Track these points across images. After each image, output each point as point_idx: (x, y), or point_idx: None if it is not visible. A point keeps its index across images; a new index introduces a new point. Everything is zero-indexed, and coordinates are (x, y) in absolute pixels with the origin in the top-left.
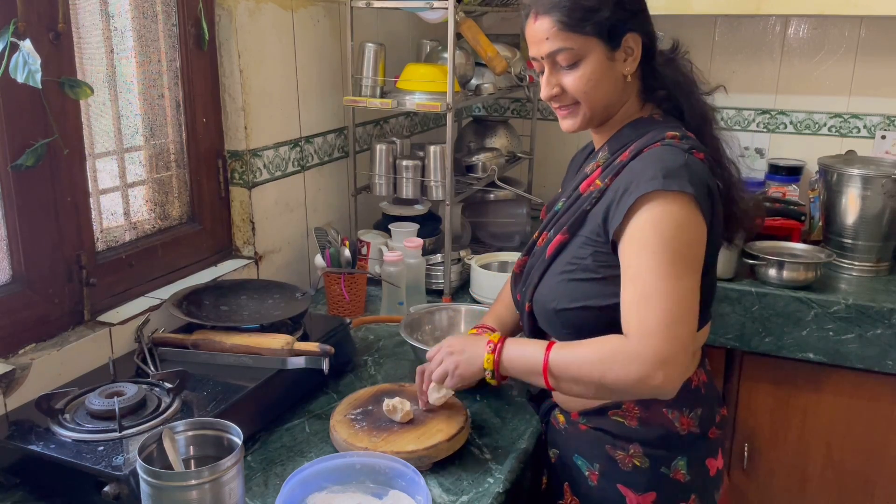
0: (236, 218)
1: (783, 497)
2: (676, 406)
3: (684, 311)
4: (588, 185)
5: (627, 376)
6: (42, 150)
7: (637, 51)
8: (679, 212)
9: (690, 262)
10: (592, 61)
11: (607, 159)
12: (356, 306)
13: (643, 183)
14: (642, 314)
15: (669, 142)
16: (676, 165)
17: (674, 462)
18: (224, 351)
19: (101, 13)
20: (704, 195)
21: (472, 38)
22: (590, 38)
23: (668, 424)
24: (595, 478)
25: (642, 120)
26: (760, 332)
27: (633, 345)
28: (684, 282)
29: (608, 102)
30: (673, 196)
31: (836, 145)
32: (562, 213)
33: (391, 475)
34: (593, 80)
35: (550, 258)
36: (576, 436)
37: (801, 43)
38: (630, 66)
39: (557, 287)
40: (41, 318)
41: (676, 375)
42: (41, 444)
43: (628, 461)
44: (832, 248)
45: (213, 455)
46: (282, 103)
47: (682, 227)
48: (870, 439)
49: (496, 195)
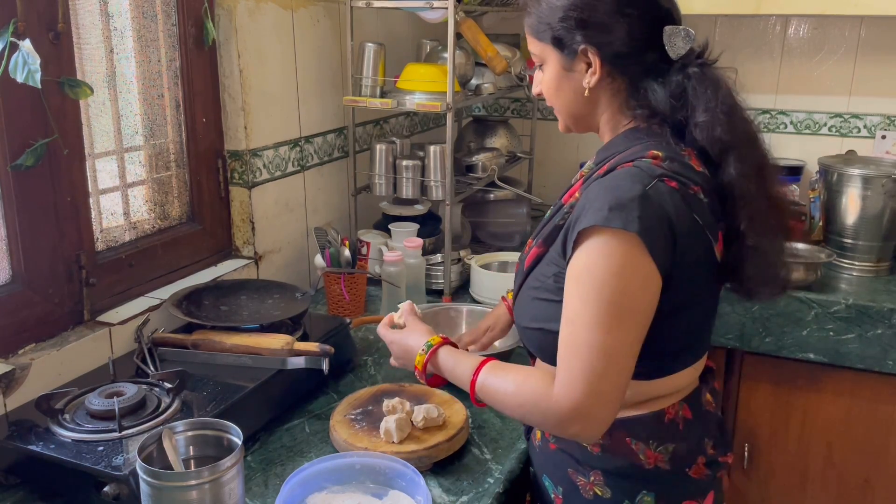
0: (236, 218)
1: (783, 497)
2: (641, 438)
3: (610, 365)
4: (570, 196)
5: (545, 423)
6: (42, 150)
7: (595, 65)
8: (618, 253)
9: (625, 314)
10: (550, 68)
11: (591, 170)
12: (356, 306)
13: (589, 213)
14: (570, 362)
15: (645, 162)
16: (628, 197)
17: (639, 496)
18: (224, 351)
19: (101, 13)
20: (657, 232)
21: (472, 38)
22: (546, 45)
23: (632, 456)
24: (559, 501)
25: (638, 130)
26: (760, 332)
27: (554, 394)
28: (616, 335)
29: (573, 111)
30: (614, 233)
31: (836, 145)
32: (545, 222)
33: (391, 475)
34: (552, 87)
35: (528, 270)
36: (546, 455)
37: (801, 43)
38: (590, 80)
39: (524, 303)
40: (41, 318)
41: (594, 428)
42: (41, 444)
43: (589, 488)
44: (832, 248)
45: (213, 455)
46: (282, 103)
47: (620, 274)
48: (870, 439)
49: (496, 195)
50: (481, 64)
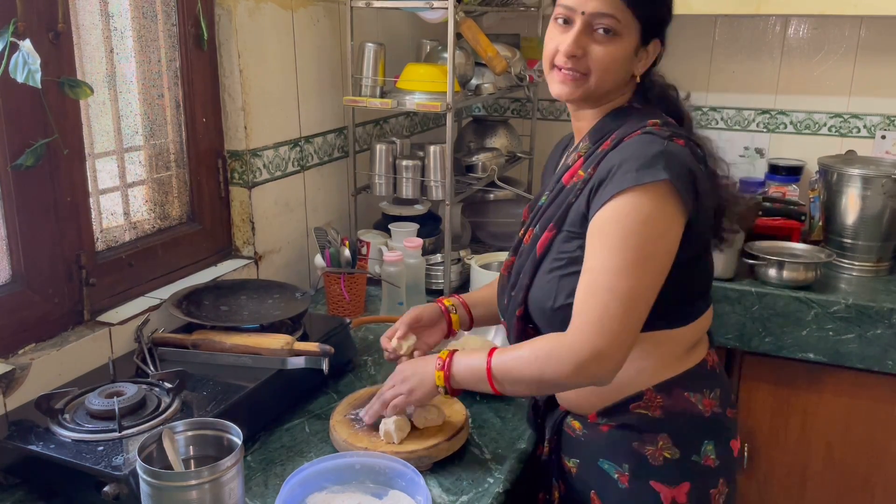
0: (236, 218)
1: (783, 497)
2: (696, 388)
3: (626, 308)
4: (571, 176)
5: (564, 369)
6: (42, 150)
7: (652, 56)
8: (649, 204)
9: (648, 259)
10: (625, 44)
11: (589, 149)
12: (356, 306)
13: (618, 177)
14: (587, 307)
15: (650, 129)
16: (652, 154)
17: (703, 448)
18: (224, 351)
19: (101, 13)
20: (685, 179)
21: (472, 38)
22: (635, 24)
23: (692, 408)
24: (625, 479)
25: (622, 109)
26: (760, 332)
27: (569, 338)
28: (636, 280)
29: (611, 89)
30: (645, 188)
31: (836, 145)
32: (545, 207)
33: (391, 475)
34: (617, 62)
35: (541, 256)
36: (597, 439)
37: (801, 43)
38: (641, 68)
39: (550, 285)
40: (41, 318)
41: (610, 369)
42: (41, 444)
43: (658, 455)
44: (832, 248)
45: (213, 455)
46: (282, 103)
47: (649, 222)
48: (870, 439)
49: (496, 195)
50: (481, 64)
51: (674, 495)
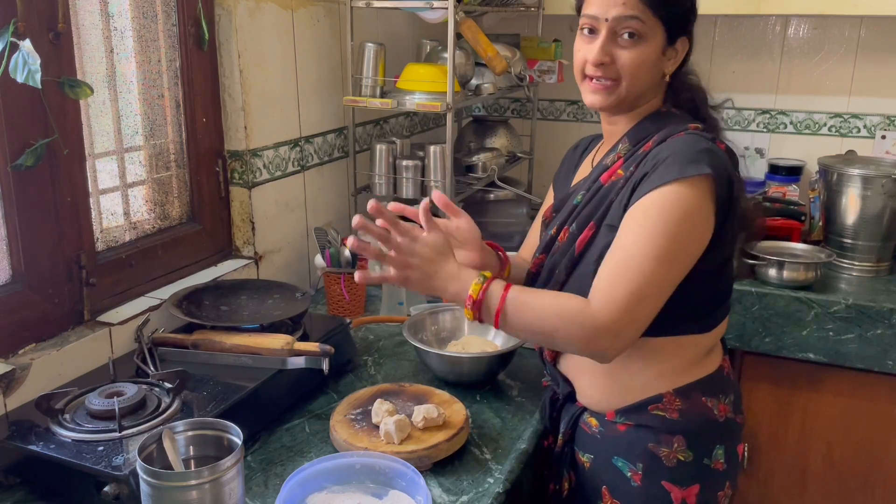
0: (236, 218)
1: (783, 497)
2: (713, 393)
3: (653, 295)
4: (610, 175)
5: (580, 334)
6: (42, 150)
7: (681, 55)
8: (692, 198)
9: (681, 253)
10: (651, 45)
11: (629, 150)
12: (356, 306)
13: (662, 170)
14: (616, 282)
15: (694, 132)
16: (698, 150)
17: (714, 451)
18: (224, 351)
19: (101, 13)
20: (724, 180)
21: (472, 38)
22: (658, 24)
23: (708, 412)
24: (638, 478)
25: (661, 113)
26: (760, 332)
27: (594, 308)
28: (667, 269)
29: (642, 91)
30: (690, 181)
31: (836, 145)
32: (582, 205)
33: (391, 475)
34: (646, 65)
35: (580, 253)
36: (613, 437)
37: (801, 43)
38: (671, 67)
39: (588, 279)
40: (41, 318)
41: (618, 347)
42: (41, 444)
43: (672, 456)
44: (832, 248)
45: (213, 455)
46: (282, 103)
47: (689, 216)
48: (870, 439)
49: (496, 195)
50: (481, 64)
51: (684, 496)
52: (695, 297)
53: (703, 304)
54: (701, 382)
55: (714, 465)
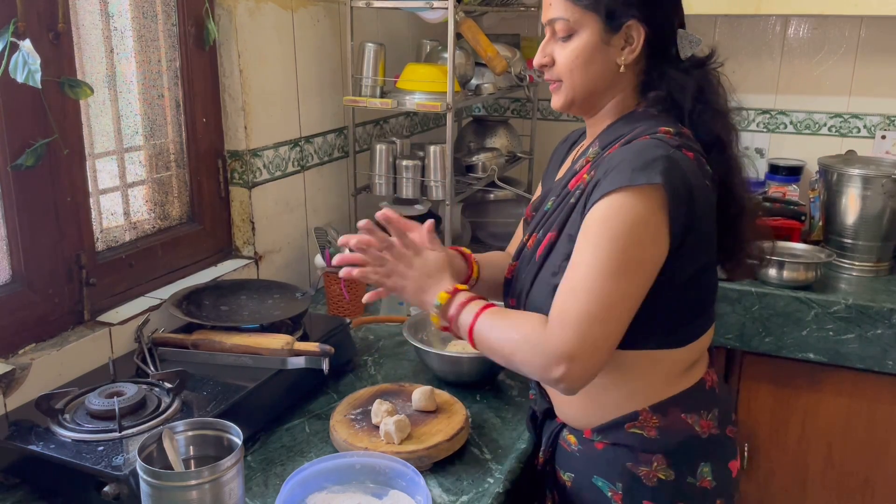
0: (236, 218)
1: (783, 497)
2: (694, 409)
3: (607, 312)
4: (577, 181)
5: (532, 361)
6: (42, 150)
7: (638, 42)
8: (638, 207)
9: (632, 264)
10: (585, 38)
11: (597, 154)
12: (356, 306)
13: (612, 176)
14: (566, 304)
15: (661, 136)
16: (652, 157)
17: (699, 470)
18: (224, 351)
19: (101, 13)
20: (681, 191)
21: (472, 38)
22: (587, 13)
23: (689, 429)
24: (619, 498)
25: (636, 113)
26: (760, 332)
27: (547, 333)
28: (618, 283)
29: (593, 88)
30: (638, 190)
31: (836, 145)
32: (551, 212)
33: (391, 475)
34: (581, 58)
35: (541, 260)
36: (592, 456)
37: (801, 43)
38: (627, 57)
39: (546, 295)
40: (41, 318)
41: (578, 373)
42: (41, 444)
43: (652, 476)
44: (832, 248)
45: (213, 455)
46: (282, 103)
47: (637, 226)
48: (870, 439)
49: (496, 195)
50: (481, 64)
51: None
52: (661, 312)
53: (673, 318)
54: (679, 398)
55: (700, 483)
